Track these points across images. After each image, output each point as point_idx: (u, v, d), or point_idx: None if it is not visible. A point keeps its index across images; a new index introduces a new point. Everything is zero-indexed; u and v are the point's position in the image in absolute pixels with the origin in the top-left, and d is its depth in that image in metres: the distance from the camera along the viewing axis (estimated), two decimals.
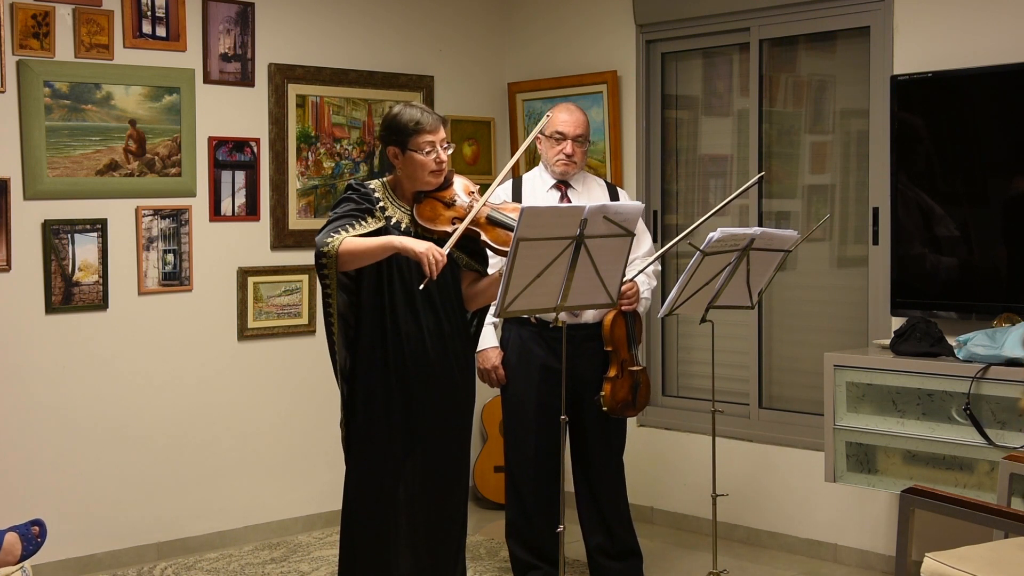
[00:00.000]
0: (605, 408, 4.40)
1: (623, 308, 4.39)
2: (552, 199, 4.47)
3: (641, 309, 4.50)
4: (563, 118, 4.46)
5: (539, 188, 4.52)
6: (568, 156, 4.45)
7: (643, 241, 4.61)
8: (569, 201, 4.46)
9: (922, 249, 4.69)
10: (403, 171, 3.68)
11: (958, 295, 4.60)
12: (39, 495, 4.80)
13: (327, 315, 3.63)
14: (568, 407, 4.41)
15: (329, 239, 3.50)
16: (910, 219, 4.70)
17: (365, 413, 3.67)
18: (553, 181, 4.52)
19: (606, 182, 4.69)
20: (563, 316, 4.35)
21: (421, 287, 3.47)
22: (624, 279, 4.31)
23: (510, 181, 4.60)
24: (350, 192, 3.68)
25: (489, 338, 4.50)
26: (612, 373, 4.42)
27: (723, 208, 4.48)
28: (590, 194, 4.52)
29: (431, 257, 3.41)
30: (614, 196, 4.57)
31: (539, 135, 4.51)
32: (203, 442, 5.28)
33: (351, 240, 3.50)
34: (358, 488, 3.71)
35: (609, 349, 4.42)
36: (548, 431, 4.45)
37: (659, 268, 4.73)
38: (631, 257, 4.49)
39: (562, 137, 4.45)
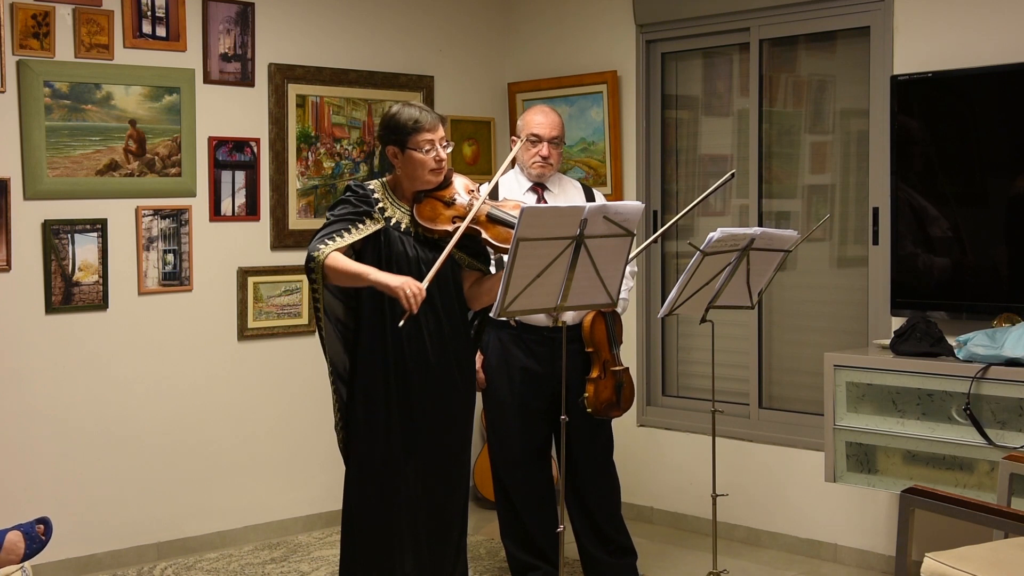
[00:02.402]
0: (589, 409, 4.39)
1: (603, 309, 4.38)
2: (528, 201, 4.46)
3: (620, 309, 4.49)
4: (538, 120, 4.46)
5: (516, 191, 4.51)
6: (544, 158, 4.45)
7: None
8: (545, 203, 4.46)
9: (922, 249, 4.69)
10: (403, 170, 3.68)
11: (958, 295, 4.60)
12: (39, 495, 4.80)
13: (316, 319, 3.67)
14: (551, 409, 4.42)
15: (319, 249, 3.53)
16: (910, 219, 4.70)
17: (365, 414, 3.67)
18: (529, 184, 4.52)
19: (581, 184, 4.68)
20: (544, 319, 4.37)
21: (400, 324, 3.46)
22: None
23: (488, 185, 4.60)
24: (348, 194, 3.68)
25: None
26: (594, 374, 4.41)
27: (697, 207, 4.47)
28: (566, 195, 4.52)
29: (407, 291, 3.41)
30: (590, 197, 4.57)
31: (513, 137, 4.54)
32: (203, 442, 5.28)
33: (335, 256, 3.51)
34: (358, 489, 3.71)
35: (590, 350, 4.42)
36: (531, 433, 4.46)
37: (635, 269, 4.73)
38: None
39: (537, 139, 4.45)
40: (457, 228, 3.57)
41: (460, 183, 3.74)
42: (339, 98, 5.64)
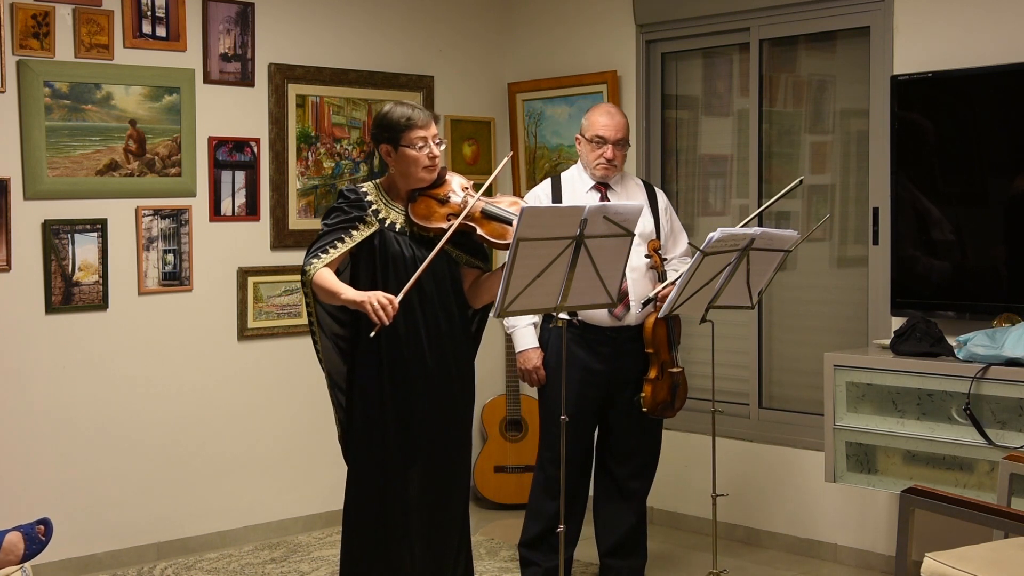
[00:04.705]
0: (645, 409, 4.44)
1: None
2: (592, 200, 4.45)
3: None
4: (603, 122, 4.44)
5: (579, 188, 4.52)
6: (609, 160, 4.44)
7: (680, 241, 4.62)
8: (608, 202, 4.44)
9: (922, 249, 4.69)
10: (396, 168, 3.68)
11: (958, 295, 4.60)
12: (39, 495, 4.80)
13: (311, 332, 3.71)
14: (602, 407, 4.47)
15: (311, 264, 3.57)
16: (910, 219, 4.70)
17: (363, 415, 3.67)
18: (592, 182, 4.51)
19: (644, 181, 4.68)
20: (606, 318, 4.39)
21: (372, 335, 3.47)
22: (669, 280, 4.33)
23: (549, 180, 4.61)
24: (340, 200, 3.68)
25: (529, 338, 4.52)
26: (652, 374, 4.44)
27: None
28: (629, 195, 4.52)
29: (373, 304, 3.41)
30: (651, 195, 4.58)
31: (578, 136, 4.52)
32: (203, 442, 5.28)
33: (321, 275, 3.54)
34: (357, 490, 3.70)
35: (650, 351, 4.44)
36: (582, 431, 4.47)
37: None
38: (668, 257, 4.52)
39: (603, 141, 4.43)
40: (452, 225, 3.57)
41: (454, 181, 3.73)
42: (339, 98, 5.64)
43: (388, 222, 3.66)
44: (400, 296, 3.45)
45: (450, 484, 3.74)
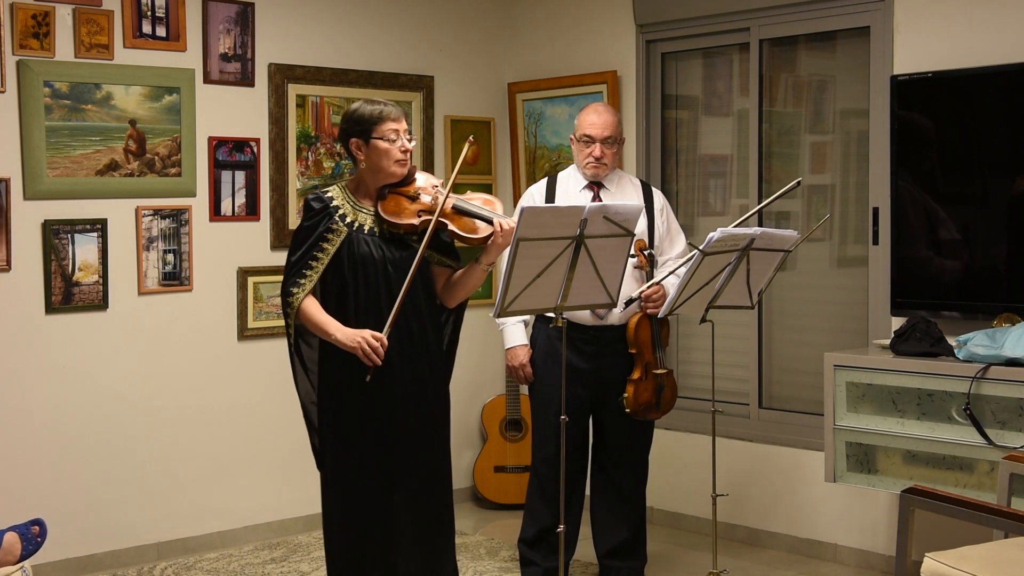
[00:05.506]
0: (628, 410, 4.42)
1: (648, 311, 4.37)
2: (584, 199, 4.43)
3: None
4: (591, 120, 4.42)
5: (572, 188, 4.50)
6: (597, 159, 4.42)
7: (677, 242, 4.60)
8: (600, 201, 4.42)
9: (922, 249, 4.69)
10: (367, 163, 3.62)
11: (958, 295, 4.60)
12: (39, 495, 4.80)
13: (291, 358, 3.71)
14: (592, 407, 4.46)
15: (293, 294, 3.55)
16: (910, 219, 4.70)
17: (334, 425, 3.63)
18: (585, 182, 4.50)
19: (640, 180, 4.67)
20: (588, 317, 4.37)
21: (368, 379, 3.44)
22: (654, 280, 4.32)
23: (545, 179, 4.59)
24: (308, 216, 3.62)
25: (518, 336, 4.52)
26: (636, 375, 4.43)
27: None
28: (623, 194, 4.49)
29: (364, 348, 3.41)
30: (648, 194, 4.56)
31: (571, 136, 4.51)
32: (203, 442, 5.28)
33: (306, 307, 3.54)
34: (335, 502, 3.67)
35: (633, 352, 4.43)
36: (571, 429, 4.45)
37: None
38: (664, 258, 4.50)
39: (590, 140, 4.42)
40: (425, 221, 3.54)
41: (423, 179, 3.71)
42: (339, 98, 5.64)
43: (356, 225, 3.62)
44: (387, 330, 3.44)
45: (433, 485, 3.68)
